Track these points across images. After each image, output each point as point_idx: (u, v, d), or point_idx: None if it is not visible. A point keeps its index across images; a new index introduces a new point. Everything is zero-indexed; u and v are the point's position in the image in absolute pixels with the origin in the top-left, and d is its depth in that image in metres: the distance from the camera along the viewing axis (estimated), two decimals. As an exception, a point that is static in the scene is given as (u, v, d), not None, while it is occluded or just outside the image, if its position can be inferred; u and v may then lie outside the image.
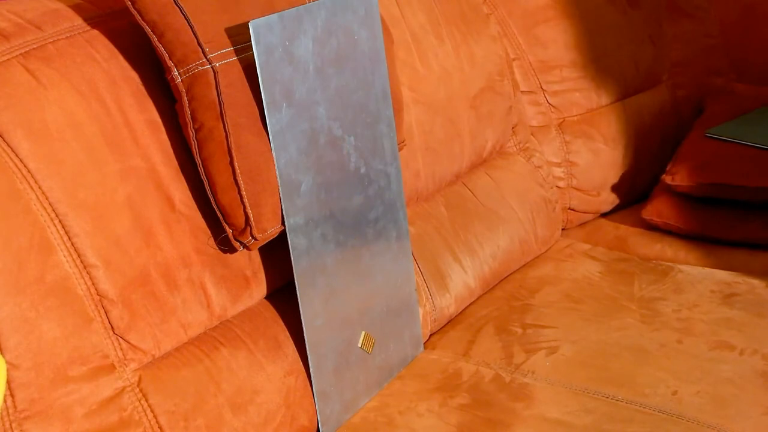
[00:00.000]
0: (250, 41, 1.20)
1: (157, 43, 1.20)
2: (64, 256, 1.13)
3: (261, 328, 1.31)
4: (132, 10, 1.20)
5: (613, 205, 1.97)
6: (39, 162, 1.13)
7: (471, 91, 1.72)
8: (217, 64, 1.20)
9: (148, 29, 1.20)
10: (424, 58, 1.65)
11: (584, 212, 1.93)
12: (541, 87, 1.89)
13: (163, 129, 1.24)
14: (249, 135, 1.22)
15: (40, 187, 1.12)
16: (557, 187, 1.89)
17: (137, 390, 1.17)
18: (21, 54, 1.17)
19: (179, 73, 1.20)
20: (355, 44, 1.36)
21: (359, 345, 1.38)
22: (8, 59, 1.16)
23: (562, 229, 1.90)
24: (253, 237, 1.25)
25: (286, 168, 1.25)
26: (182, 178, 1.25)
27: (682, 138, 1.98)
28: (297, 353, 1.33)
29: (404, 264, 1.47)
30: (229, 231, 1.25)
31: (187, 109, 1.21)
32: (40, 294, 1.10)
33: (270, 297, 1.36)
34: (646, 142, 2.00)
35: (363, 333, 1.38)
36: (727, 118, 1.96)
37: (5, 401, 1.07)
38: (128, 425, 1.15)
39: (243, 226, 1.24)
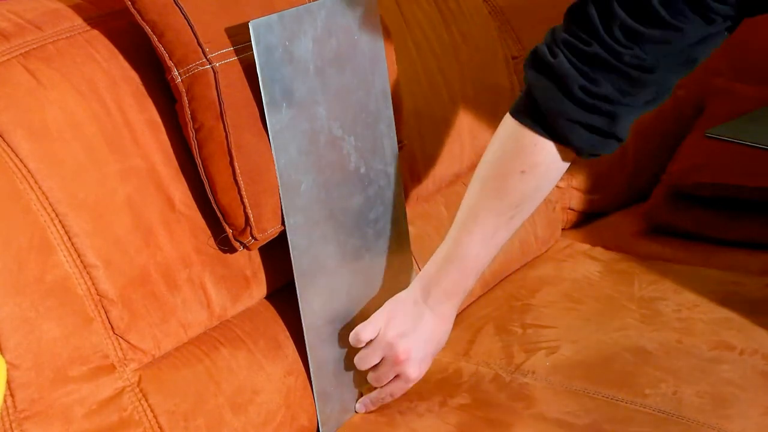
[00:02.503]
0: (250, 41, 1.20)
1: (157, 43, 1.20)
2: (64, 256, 1.13)
3: (261, 328, 1.31)
4: (132, 10, 1.20)
5: (613, 205, 1.96)
6: (39, 162, 1.13)
7: (471, 91, 1.72)
8: (217, 64, 1.20)
9: (148, 29, 1.20)
10: (424, 58, 1.65)
11: (584, 212, 1.93)
12: (541, 87, 1.89)
13: (163, 129, 1.24)
14: (249, 135, 1.22)
15: (40, 187, 1.12)
16: (557, 187, 1.88)
17: (137, 390, 1.17)
18: (21, 54, 1.17)
19: (179, 73, 1.20)
20: (355, 44, 1.35)
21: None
22: (8, 59, 1.16)
23: (562, 229, 1.90)
24: (253, 237, 1.25)
25: (286, 168, 1.25)
26: (182, 178, 1.25)
27: (682, 138, 1.98)
28: (297, 353, 1.33)
29: (404, 264, 1.47)
30: (229, 231, 1.25)
31: (187, 109, 1.21)
32: (40, 294, 1.10)
33: (270, 297, 1.36)
34: (646, 142, 1.99)
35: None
36: (727, 118, 1.96)
37: (5, 401, 1.07)
38: (128, 425, 1.15)
39: (243, 226, 1.24)
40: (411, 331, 1.33)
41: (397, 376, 1.34)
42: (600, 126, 1.23)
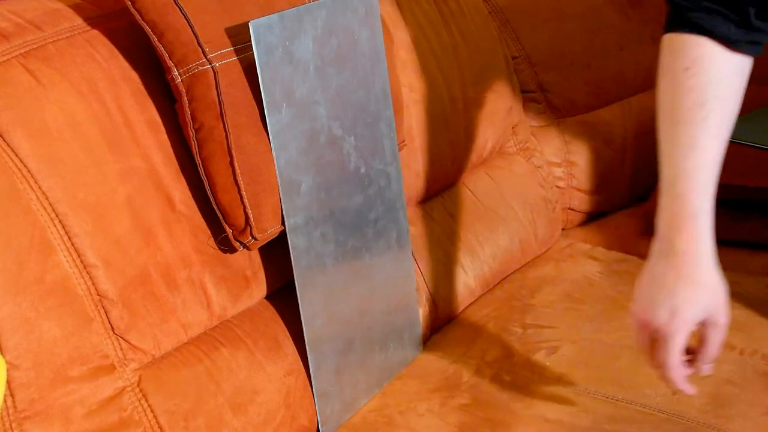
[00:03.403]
0: (250, 41, 1.20)
1: (157, 43, 1.20)
2: (64, 256, 1.13)
3: (261, 328, 1.31)
4: (132, 10, 1.20)
5: (613, 205, 1.96)
6: (39, 162, 1.13)
7: (471, 91, 1.72)
8: (217, 64, 1.20)
9: (148, 29, 1.20)
10: (424, 58, 1.65)
11: (584, 212, 1.93)
12: (541, 87, 1.89)
13: (163, 129, 1.24)
14: (249, 135, 1.22)
15: (40, 187, 1.12)
16: (557, 187, 1.89)
17: (137, 390, 1.17)
18: (21, 54, 1.17)
19: (179, 73, 1.20)
20: (355, 44, 1.36)
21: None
22: (8, 59, 1.16)
23: (562, 229, 1.90)
24: (253, 237, 1.25)
25: (286, 168, 1.25)
26: (182, 178, 1.25)
27: (683, 138, 1.98)
28: (297, 353, 1.33)
29: (404, 264, 1.47)
30: (229, 231, 1.25)
31: (187, 109, 1.21)
32: (40, 294, 1.10)
33: (270, 297, 1.36)
34: (646, 142, 1.98)
35: None
36: (727, 118, 1.96)
37: (5, 401, 1.07)
38: (128, 425, 1.15)
39: (243, 226, 1.24)
40: (654, 294, 1.20)
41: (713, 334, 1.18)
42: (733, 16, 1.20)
